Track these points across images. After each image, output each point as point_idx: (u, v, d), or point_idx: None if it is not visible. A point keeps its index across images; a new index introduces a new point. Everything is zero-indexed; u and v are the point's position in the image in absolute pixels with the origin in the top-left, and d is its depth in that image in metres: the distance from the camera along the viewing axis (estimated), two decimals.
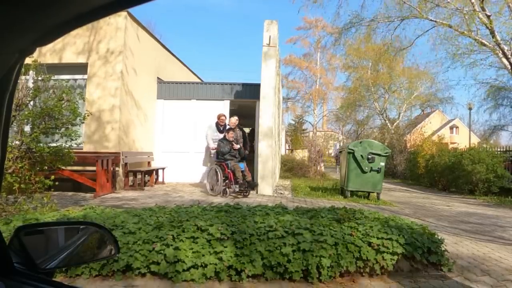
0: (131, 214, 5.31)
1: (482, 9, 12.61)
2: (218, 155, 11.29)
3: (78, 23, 0.74)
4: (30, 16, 0.68)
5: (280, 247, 4.28)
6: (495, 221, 8.80)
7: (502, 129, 37.82)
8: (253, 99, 14.27)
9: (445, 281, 4.46)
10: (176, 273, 4.09)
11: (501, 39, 13.03)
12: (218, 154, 11.26)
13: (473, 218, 9.37)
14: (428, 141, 23.35)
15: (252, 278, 4.21)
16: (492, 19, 12.71)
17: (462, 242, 6.50)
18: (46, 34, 0.76)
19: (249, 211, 5.54)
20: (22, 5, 0.64)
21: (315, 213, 5.57)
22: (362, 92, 32.68)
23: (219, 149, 11.19)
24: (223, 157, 11.11)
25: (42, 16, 0.70)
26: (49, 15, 0.70)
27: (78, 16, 0.71)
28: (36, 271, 1.12)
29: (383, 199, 11.98)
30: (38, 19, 0.70)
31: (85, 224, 1.58)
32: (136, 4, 0.73)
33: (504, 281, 4.58)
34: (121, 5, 0.72)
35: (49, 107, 6.81)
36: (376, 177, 11.07)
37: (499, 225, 8.02)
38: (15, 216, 5.36)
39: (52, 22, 0.73)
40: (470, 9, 13.17)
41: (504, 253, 5.90)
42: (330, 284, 4.20)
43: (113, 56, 11.99)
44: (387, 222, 5.18)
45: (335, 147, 43.78)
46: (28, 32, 0.74)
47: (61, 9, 0.69)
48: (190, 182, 14.37)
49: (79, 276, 4.14)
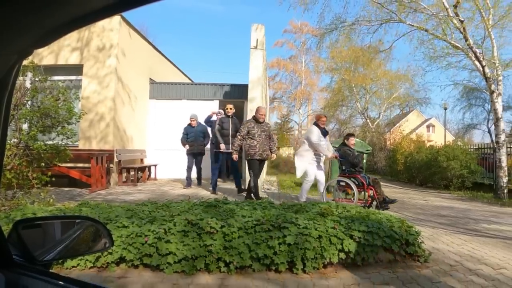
0: (124, 208, 5.30)
1: (455, 15, 12.70)
2: (343, 166, 8.84)
3: (74, 26, 0.74)
4: (28, 19, 0.68)
5: (267, 240, 4.28)
6: (468, 214, 8.87)
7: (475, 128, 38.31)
8: (241, 99, 14.29)
9: (422, 271, 4.49)
10: (167, 265, 4.08)
11: (473, 43, 13.14)
12: (344, 165, 8.83)
13: (448, 212, 9.44)
14: (406, 139, 23.47)
15: (240, 270, 4.20)
16: (465, 24, 12.81)
17: (437, 234, 6.55)
18: (44, 36, 0.75)
19: (237, 205, 5.54)
20: (20, 9, 0.64)
21: (300, 207, 5.59)
22: (344, 93, 32.79)
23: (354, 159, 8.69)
24: (354, 169, 8.76)
25: (40, 19, 0.70)
26: (46, 18, 0.70)
27: (74, 19, 0.71)
28: (34, 263, 1.12)
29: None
30: (35, 22, 0.70)
31: (81, 218, 1.57)
32: (129, 9, 0.73)
33: (476, 270, 4.62)
34: (115, 10, 0.72)
35: (46, 106, 6.81)
36: None
37: (471, 218, 8.10)
38: (14, 210, 5.34)
39: (49, 25, 0.72)
40: (444, 14, 13.26)
41: (476, 244, 5.96)
42: (314, 275, 4.20)
43: (107, 58, 11.97)
44: (368, 216, 5.20)
45: None
46: (26, 35, 0.73)
47: (58, 12, 0.69)
48: (181, 178, 14.26)
49: (75, 268, 4.13)
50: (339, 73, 31.95)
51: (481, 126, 37.47)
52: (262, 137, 9.05)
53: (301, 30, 42.36)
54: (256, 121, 9.12)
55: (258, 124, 9.11)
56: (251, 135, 8.99)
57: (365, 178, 8.31)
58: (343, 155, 8.74)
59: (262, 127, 9.14)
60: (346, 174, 8.59)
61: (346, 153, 8.71)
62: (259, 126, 9.08)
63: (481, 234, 6.78)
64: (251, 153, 8.95)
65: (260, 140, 8.99)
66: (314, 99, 44.98)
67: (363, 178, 8.29)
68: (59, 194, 9.05)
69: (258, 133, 9.00)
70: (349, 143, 8.98)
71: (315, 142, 8.66)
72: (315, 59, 40.95)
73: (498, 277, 4.40)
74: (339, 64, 31.21)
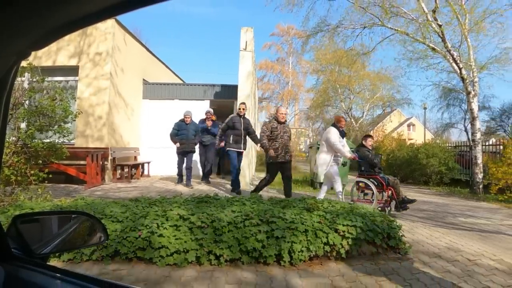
0: (119, 204, 5.28)
1: (434, 19, 12.81)
2: (362, 167, 8.48)
3: (71, 28, 0.74)
4: (27, 22, 0.68)
5: (256, 234, 4.28)
6: (446, 209, 8.95)
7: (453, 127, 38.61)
8: (231, 99, 14.27)
9: (402, 263, 4.52)
10: (160, 258, 4.08)
11: (451, 46, 13.26)
12: (362, 166, 8.46)
13: (427, 206, 9.52)
14: (388, 138, 23.63)
15: (230, 262, 4.21)
16: (443, 28, 12.92)
17: (417, 227, 6.60)
18: (42, 38, 0.75)
19: (228, 201, 5.55)
20: (19, 11, 0.63)
21: (287, 202, 5.59)
22: (329, 93, 32.93)
23: (372, 160, 8.34)
24: (373, 169, 8.30)
25: (38, 22, 0.69)
26: (45, 21, 0.70)
27: (71, 22, 0.71)
28: (32, 256, 1.13)
29: (348, 189, 12.06)
30: (34, 25, 0.70)
31: (77, 213, 1.57)
32: (123, 12, 0.72)
33: (453, 261, 4.67)
34: (111, 13, 0.72)
35: (43, 106, 6.79)
36: (343, 170, 11.11)
37: (449, 212, 8.18)
38: (12, 206, 5.37)
39: (47, 28, 0.72)
40: (424, 19, 13.37)
41: (453, 237, 6.02)
42: (301, 267, 4.22)
43: (102, 59, 11.90)
44: (351, 211, 5.22)
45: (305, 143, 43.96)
46: (24, 37, 0.73)
47: (55, 15, 0.69)
48: (173, 175, 14.24)
49: (71, 261, 4.14)
50: (324, 74, 32.09)
51: (458, 125, 37.86)
52: (285, 138, 8.43)
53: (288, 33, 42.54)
54: (278, 121, 8.44)
55: (280, 124, 8.43)
56: (273, 137, 8.31)
57: (384, 178, 7.97)
58: (361, 156, 8.39)
59: (284, 128, 8.51)
60: (365, 174, 8.26)
61: (364, 154, 8.37)
62: (281, 127, 8.43)
63: (458, 227, 6.85)
64: (273, 155, 8.26)
65: (282, 141, 8.35)
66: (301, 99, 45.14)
67: (382, 178, 7.96)
68: (56, 190, 8.98)
69: (280, 134, 8.35)
70: (367, 144, 8.61)
71: (334, 143, 8.05)
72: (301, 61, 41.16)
73: (473, 268, 4.45)
74: (324, 66, 31.34)
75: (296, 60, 43.40)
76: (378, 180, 7.94)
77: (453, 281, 3.98)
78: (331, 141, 8.05)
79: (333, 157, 8.14)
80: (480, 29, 14.01)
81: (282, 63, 44.52)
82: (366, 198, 8.10)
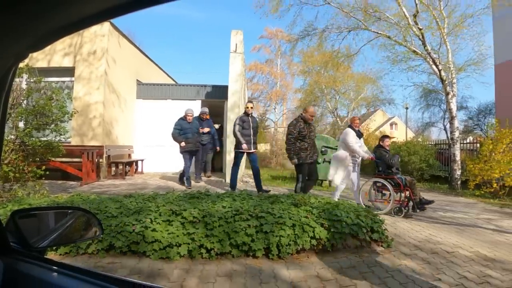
0: (113, 200, 5.27)
1: (415, 23, 12.89)
2: (379, 167, 8.14)
3: (67, 31, 0.75)
4: (25, 24, 0.68)
5: (245, 229, 4.29)
6: None
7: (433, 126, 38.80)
8: (221, 99, 14.25)
9: (385, 255, 4.56)
10: (153, 252, 4.07)
11: (431, 49, 13.35)
12: (380, 166, 8.12)
13: None
14: (372, 136, 23.74)
15: (221, 256, 4.22)
16: (423, 31, 13.01)
17: (399, 221, 6.65)
18: (39, 40, 0.76)
19: (218, 197, 5.55)
20: (18, 15, 0.64)
21: (275, 198, 5.60)
22: (316, 94, 32.97)
23: (389, 160, 7.95)
24: (390, 170, 7.92)
25: (36, 25, 0.70)
26: (42, 24, 0.70)
27: (68, 25, 0.72)
28: (30, 249, 1.14)
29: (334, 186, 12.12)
30: (32, 28, 0.71)
31: (73, 209, 1.58)
32: (118, 16, 0.73)
33: (433, 253, 4.72)
34: (106, 16, 0.72)
35: (40, 105, 6.76)
36: (329, 167, 11.12)
37: (429, 207, 8.18)
38: (11, 201, 5.39)
39: (44, 30, 0.73)
40: (405, 23, 13.46)
41: (433, 230, 6.08)
42: (288, 260, 4.23)
43: (97, 61, 11.87)
44: (337, 206, 5.25)
45: None
46: (23, 39, 0.74)
47: (53, 18, 0.69)
48: (166, 172, 14.37)
49: (67, 254, 4.12)
50: (310, 75, 32.18)
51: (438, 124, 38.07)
52: (312, 138, 7.90)
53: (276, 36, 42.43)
54: (305, 121, 7.80)
55: (307, 125, 7.80)
56: (302, 137, 7.68)
57: (401, 179, 7.60)
58: (378, 156, 8.09)
59: (311, 128, 7.92)
60: (383, 175, 7.92)
61: (382, 154, 8.04)
62: (308, 127, 7.81)
63: (437, 221, 6.91)
64: (302, 156, 7.67)
65: (310, 142, 7.81)
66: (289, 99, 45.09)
67: (399, 179, 7.60)
68: (53, 187, 8.94)
69: (308, 135, 7.76)
70: (384, 144, 8.24)
71: (351, 144, 7.90)
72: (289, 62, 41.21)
73: (451, 259, 4.50)
74: (311, 68, 31.44)
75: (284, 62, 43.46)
76: (395, 180, 7.61)
77: (433, 272, 4.02)
78: (348, 142, 7.96)
79: (350, 158, 8.07)
80: (458, 33, 14.19)
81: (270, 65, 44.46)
82: (384, 199, 7.87)
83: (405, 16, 13.13)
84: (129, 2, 0.67)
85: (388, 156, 8.03)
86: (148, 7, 0.68)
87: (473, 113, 35.30)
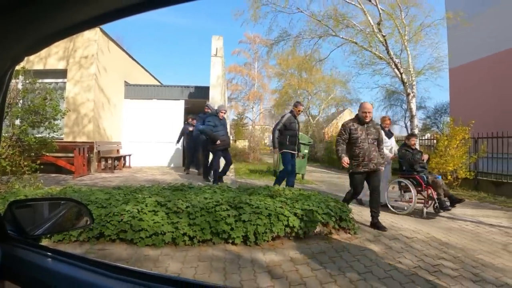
0: (103, 191, 5.22)
1: (379, 30, 13.03)
2: (403, 166, 7.47)
3: (62, 36, 0.75)
4: (21, 29, 0.68)
5: (225, 218, 4.30)
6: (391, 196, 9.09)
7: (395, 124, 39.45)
8: (203, 99, 14.19)
9: (352, 242, 4.63)
10: (140, 239, 4.06)
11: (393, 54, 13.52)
12: (403, 165, 7.45)
13: None
14: None
15: (202, 243, 4.22)
16: (386, 38, 13.16)
17: (364, 210, 6.72)
18: (35, 44, 0.76)
19: (200, 189, 5.55)
20: (14, 20, 0.64)
21: (253, 190, 5.62)
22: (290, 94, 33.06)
23: (410, 159, 7.29)
24: (412, 168, 7.20)
25: (31, 30, 0.70)
26: (37, 28, 0.71)
27: (62, 30, 0.72)
28: (26, 237, 1.15)
29: (306, 178, 12.23)
30: (29, 32, 0.71)
31: (66, 200, 1.57)
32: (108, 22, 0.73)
33: (394, 239, 4.82)
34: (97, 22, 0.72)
35: (35, 105, 6.76)
36: (302, 161, 11.18)
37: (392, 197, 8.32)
38: (8, 193, 5.39)
39: (40, 35, 0.73)
40: (370, 30, 13.59)
41: (396, 219, 6.21)
42: (264, 246, 4.26)
43: (88, 63, 11.77)
44: (309, 197, 5.30)
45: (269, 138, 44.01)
46: (19, 43, 0.74)
47: (47, 23, 0.69)
48: (152, 166, 14.40)
49: (61, 242, 4.09)
50: (285, 77, 32.31)
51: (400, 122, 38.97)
52: (369, 141, 5.74)
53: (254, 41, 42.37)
54: (360, 121, 5.84)
55: (362, 126, 5.81)
56: (353, 140, 5.76)
57: (422, 178, 6.95)
58: (401, 156, 7.46)
59: (368, 129, 5.82)
60: (406, 174, 7.31)
61: (403, 153, 7.40)
62: (363, 128, 5.80)
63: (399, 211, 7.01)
64: (353, 164, 5.73)
65: (364, 146, 5.69)
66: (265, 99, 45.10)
67: (421, 178, 6.95)
68: (47, 180, 8.80)
69: (362, 138, 5.73)
70: (410, 143, 7.52)
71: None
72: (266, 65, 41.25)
73: (411, 244, 4.61)
74: (285, 70, 31.56)
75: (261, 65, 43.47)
76: (417, 179, 7.01)
77: (394, 255, 4.10)
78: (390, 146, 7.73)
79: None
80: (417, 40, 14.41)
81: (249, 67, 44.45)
82: (410, 198, 7.09)
83: (370, 23, 13.27)
84: (118, 10, 0.67)
85: (409, 154, 7.39)
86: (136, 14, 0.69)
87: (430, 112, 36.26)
